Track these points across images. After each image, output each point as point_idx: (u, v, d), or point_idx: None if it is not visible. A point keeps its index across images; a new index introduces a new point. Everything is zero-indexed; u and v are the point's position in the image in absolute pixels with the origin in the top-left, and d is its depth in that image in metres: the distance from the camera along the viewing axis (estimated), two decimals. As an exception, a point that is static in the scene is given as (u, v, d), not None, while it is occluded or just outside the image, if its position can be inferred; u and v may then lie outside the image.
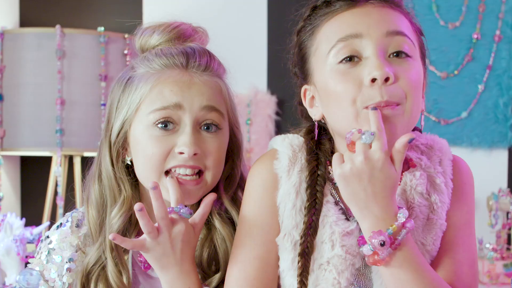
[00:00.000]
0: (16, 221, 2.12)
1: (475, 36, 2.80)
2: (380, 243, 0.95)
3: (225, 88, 1.22)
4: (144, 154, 1.16)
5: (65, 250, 1.22)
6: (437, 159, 1.12)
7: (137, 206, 1.06)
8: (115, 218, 1.18)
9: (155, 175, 1.15)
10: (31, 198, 2.82)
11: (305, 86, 1.13)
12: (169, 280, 1.11)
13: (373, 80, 1.00)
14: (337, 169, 0.99)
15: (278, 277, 1.10)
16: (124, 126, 1.19)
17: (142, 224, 1.07)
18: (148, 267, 1.23)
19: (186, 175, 1.16)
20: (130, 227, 1.20)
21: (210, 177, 1.18)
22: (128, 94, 1.19)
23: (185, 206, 1.10)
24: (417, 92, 1.04)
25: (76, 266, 1.22)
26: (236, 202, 1.23)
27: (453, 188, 1.10)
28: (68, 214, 1.28)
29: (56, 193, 2.47)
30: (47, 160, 2.60)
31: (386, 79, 1.00)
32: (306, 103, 1.14)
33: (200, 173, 1.17)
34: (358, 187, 0.97)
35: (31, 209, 2.78)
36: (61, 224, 1.26)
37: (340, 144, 1.11)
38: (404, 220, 0.96)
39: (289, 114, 2.80)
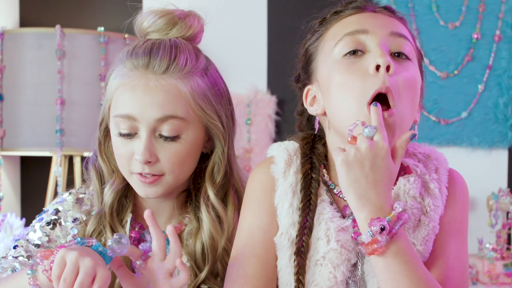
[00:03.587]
0: (16, 221, 2.12)
1: (475, 36, 2.80)
2: (381, 227, 0.96)
3: (189, 88, 1.20)
4: (116, 152, 1.23)
5: (67, 222, 1.26)
6: (433, 167, 1.14)
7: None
8: (107, 194, 1.25)
9: (125, 172, 1.23)
10: (31, 198, 2.82)
11: (308, 87, 1.17)
12: None
13: (377, 67, 1.04)
14: (340, 155, 1.00)
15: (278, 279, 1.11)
16: (104, 118, 1.26)
17: None
18: (137, 245, 1.25)
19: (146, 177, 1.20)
20: (126, 200, 1.27)
21: (171, 178, 1.21)
22: (107, 88, 1.25)
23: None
24: (412, 93, 1.08)
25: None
26: (225, 196, 1.26)
27: (448, 196, 1.13)
28: (65, 192, 1.32)
29: (56, 193, 2.47)
30: (47, 160, 2.60)
31: (388, 68, 1.04)
32: (306, 103, 1.17)
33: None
34: (359, 174, 0.98)
35: (31, 209, 2.78)
36: (61, 200, 1.30)
37: (334, 139, 1.13)
38: (401, 210, 0.98)
39: (289, 114, 2.79)
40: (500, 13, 2.80)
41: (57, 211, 1.27)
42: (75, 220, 1.26)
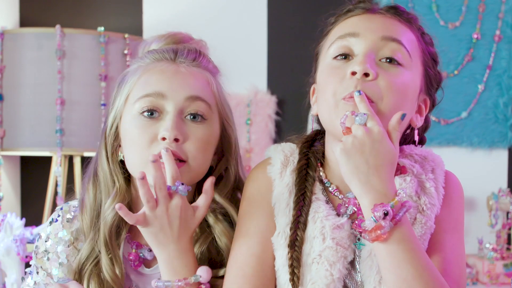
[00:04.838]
0: (16, 221, 2.12)
1: (475, 36, 2.80)
2: (384, 212, 0.95)
3: (215, 83, 1.23)
4: (132, 142, 1.18)
5: (58, 245, 1.24)
6: (430, 168, 1.15)
7: (139, 175, 1.07)
8: (108, 210, 1.20)
9: (142, 162, 1.15)
10: (31, 198, 2.82)
11: (314, 85, 1.20)
12: (166, 258, 1.11)
13: (353, 73, 1.05)
14: (339, 145, 1.01)
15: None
16: (116, 117, 1.22)
17: (142, 192, 1.08)
18: (139, 265, 1.24)
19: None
20: (123, 221, 1.20)
21: (194, 164, 1.17)
22: (120, 87, 1.23)
23: (182, 184, 1.10)
24: (398, 97, 1.07)
25: (68, 261, 1.23)
26: (234, 202, 1.24)
27: (444, 196, 1.13)
28: (57, 208, 1.29)
29: (56, 193, 2.47)
30: (47, 160, 2.60)
31: (366, 75, 1.05)
32: (312, 101, 1.20)
33: (182, 161, 1.17)
34: (360, 160, 0.98)
35: (31, 209, 2.78)
36: (52, 220, 1.27)
37: (329, 141, 1.15)
38: (405, 196, 0.98)
39: (289, 114, 2.80)
40: (500, 13, 2.80)
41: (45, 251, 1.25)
42: (62, 253, 1.24)
